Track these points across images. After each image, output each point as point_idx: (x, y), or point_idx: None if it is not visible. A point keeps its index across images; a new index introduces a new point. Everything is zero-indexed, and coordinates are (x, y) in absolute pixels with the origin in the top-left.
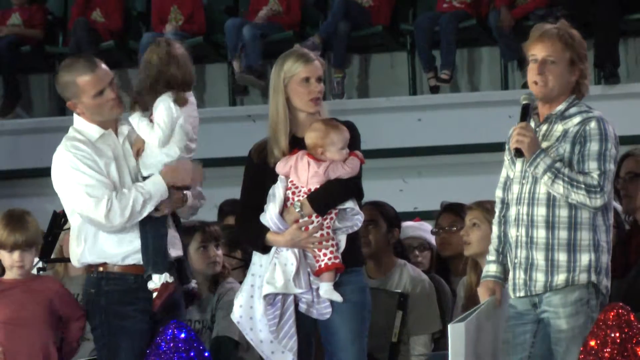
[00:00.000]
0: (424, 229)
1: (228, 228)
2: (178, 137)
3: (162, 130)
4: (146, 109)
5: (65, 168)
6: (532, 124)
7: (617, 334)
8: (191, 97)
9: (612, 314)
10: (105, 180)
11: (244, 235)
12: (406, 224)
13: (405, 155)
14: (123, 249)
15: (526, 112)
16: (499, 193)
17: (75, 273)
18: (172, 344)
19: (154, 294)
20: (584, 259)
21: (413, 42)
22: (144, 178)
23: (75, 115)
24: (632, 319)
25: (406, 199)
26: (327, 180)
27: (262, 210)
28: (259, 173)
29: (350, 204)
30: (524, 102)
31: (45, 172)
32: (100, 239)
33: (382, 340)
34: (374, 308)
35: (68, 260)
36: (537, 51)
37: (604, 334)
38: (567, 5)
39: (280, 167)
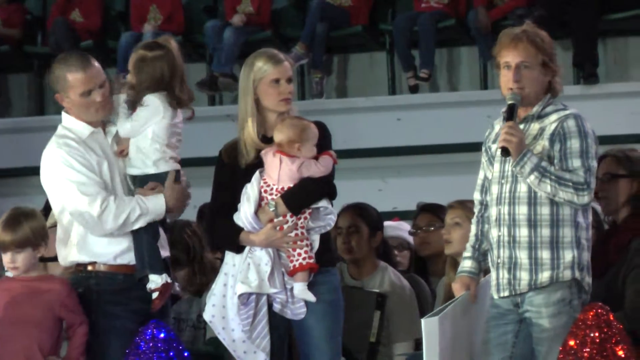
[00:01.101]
0: (403, 229)
1: None
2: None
3: (134, 125)
4: (134, 107)
5: (57, 165)
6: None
7: (597, 334)
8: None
9: (592, 313)
10: (98, 179)
11: (218, 235)
12: (385, 223)
13: (384, 155)
14: (113, 249)
15: (512, 112)
16: (477, 195)
17: (54, 272)
18: (151, 344)
19: (154, 294)
20: (567, 255)
21: (392, 42)
22: (133, 177)
23: (63, 113)
24: (612, 318)
25: (385, 198)
26: (300, 177)
27: (233, 210)
28: (229, 173)
29: (323, 203)
30: (510, 102)
31: (24, 172)
32: (90, 238)
33: (361, 340)
34: (352, 307)
35: (47, 259)
36: (510, 58)
37: (583, 334)
38: (546, 5)
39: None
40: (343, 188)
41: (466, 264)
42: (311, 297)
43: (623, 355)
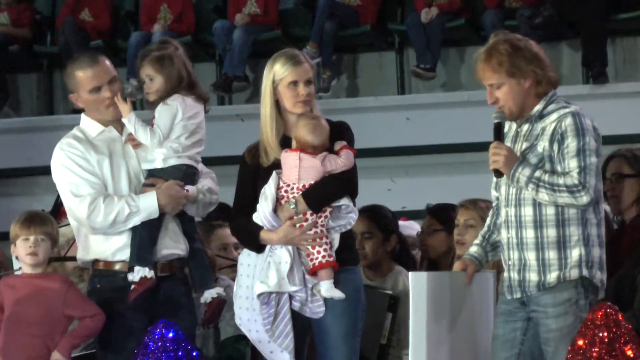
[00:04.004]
0: (414, 228)
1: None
2: (178, 134)
3: (163, 133)
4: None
5: (56, 166)
6: (515, 125)
7: (605, 334)
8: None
9: (600, 313)
10: (93, 179)
11: (238, 235)
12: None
13: (393, 154)
14: (111, 244)
15: (499, 131)
16: (493, 192)
17: (67, 270)
18: (160, 344)
19: (132, 287)
20: (574, 254)
21: (401, 42)
22: (148, 172)
23: (82, 114)
24: (620, 318)
25: (394, 198)
26: (324, 171)
27: (255, 210)
28: (251, 174)
29: (345, 201)
30: (496, 121)
31: (33, 172)
32: (91, 236)
33: (371, 341)
34: (367, 306)
35: (63, 259)
36: (481, 80)
37: (592, 334)
38: (555, 6)
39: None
40: None
41: (472, 249)
42: (339, 295)
43: (632, 355)
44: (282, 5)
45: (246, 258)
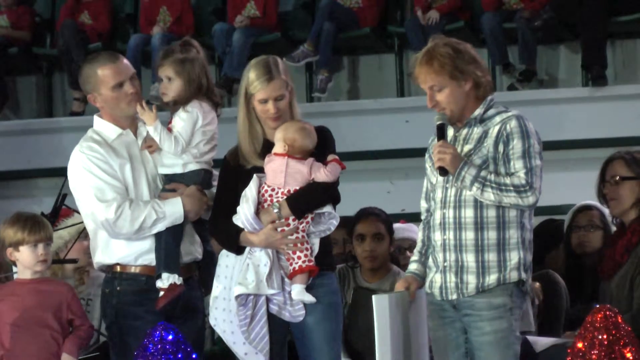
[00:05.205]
0: (413, 230)
1: None
2: (197, 140)
3: (184, 140)
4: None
5: (77, 170)
6: (452, 130)
7: (605, 336)
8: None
9: (600, 316)
10: (117, 183)
11: (218, 235)
12: (395, 225)
13: (392, 157)
14: (134, 249)
15: (442, 132)
16: (423, 203)
17: (67, 272)
18: (159, 346)
19: (160, 293)
20: (514, 257)
21: (401, 44)
22: (165, 177)
23: (95, 117)
24: (620, 321)
25: (394, 200)
26: (309, 178)
27: (235, 211)
28: (233, 176)
29: (327, 208)
30: (439, 122)
31: (33, 174)
32: (113, 240)
33: (371, 343)
34: (363, 308)
35: (64, 261)
36: (421, 85)
37: (592, 336)
38: (554, 7)
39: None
40: (351, 190)
41: (412, 266)
42: (310, 299)
43: (631, 357)
44: (281, 8)
45: (224, 259)
